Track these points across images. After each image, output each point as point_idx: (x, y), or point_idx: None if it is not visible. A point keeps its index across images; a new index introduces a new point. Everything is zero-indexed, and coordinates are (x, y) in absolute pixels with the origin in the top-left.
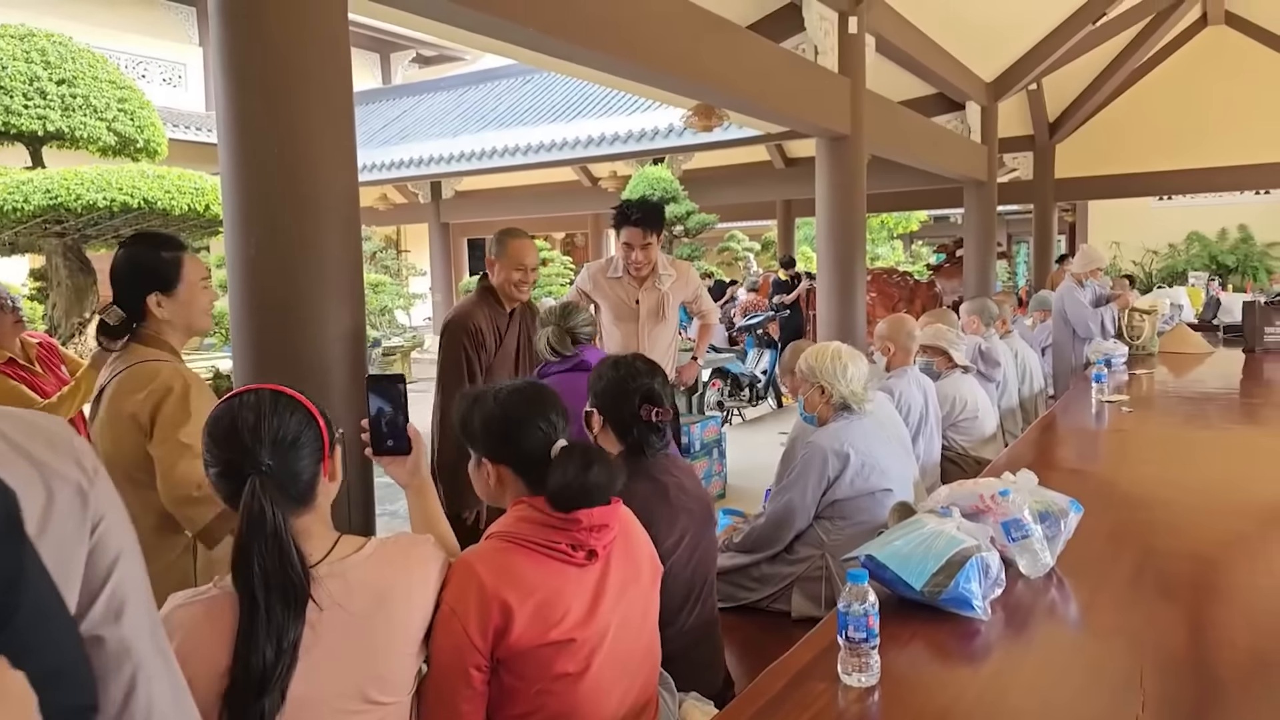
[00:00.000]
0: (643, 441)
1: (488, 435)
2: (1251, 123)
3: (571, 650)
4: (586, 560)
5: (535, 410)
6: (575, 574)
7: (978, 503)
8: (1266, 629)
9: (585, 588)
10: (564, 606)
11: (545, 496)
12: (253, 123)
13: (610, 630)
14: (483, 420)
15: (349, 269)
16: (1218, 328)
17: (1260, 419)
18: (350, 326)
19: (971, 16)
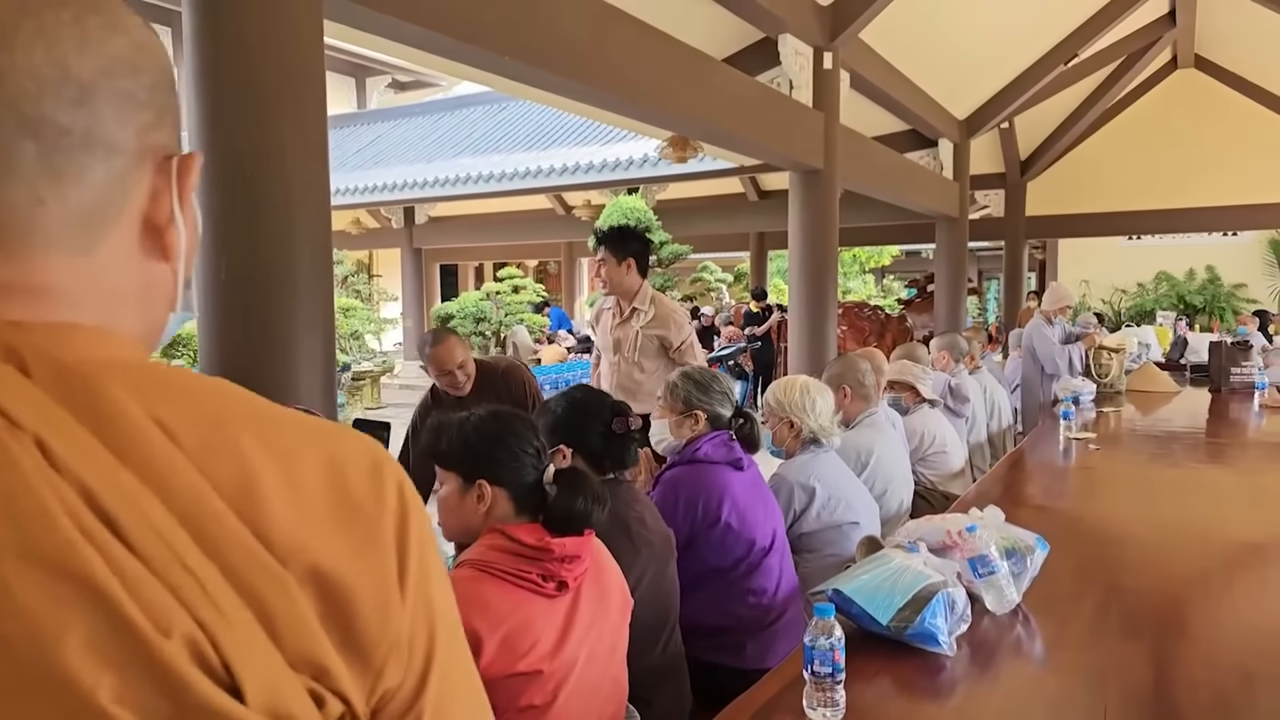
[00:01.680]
0: (621, 455)
1: (488, 457)
2: (1220, 165)
3: (539, 682)
4: (557, 591)
5: (527, 432)
6: (545, 605)
7: (945, 539)
8: (1229, 667)
9: (554, 619)
10: (532, 637)
11: (540, 521)
12: (226, 144)
13: (578, 663)
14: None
15: (320, 293)
16: (1185, 367)
17: (1226, 459)
18: (320, 351)
19: (945, 55)
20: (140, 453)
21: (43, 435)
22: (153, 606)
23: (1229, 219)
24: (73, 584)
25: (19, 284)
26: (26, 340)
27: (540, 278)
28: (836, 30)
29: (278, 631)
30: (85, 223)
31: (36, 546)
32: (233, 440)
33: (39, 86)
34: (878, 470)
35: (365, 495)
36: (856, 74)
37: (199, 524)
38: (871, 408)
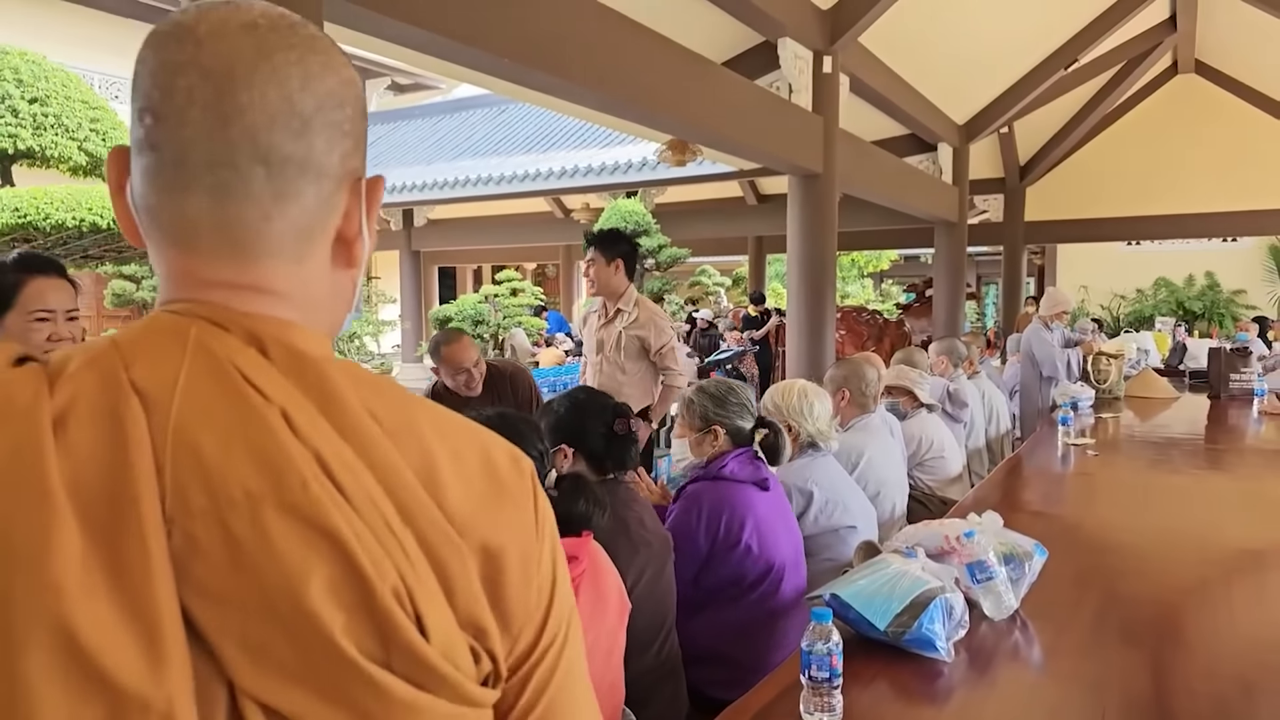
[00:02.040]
0: (622, 456)
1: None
2: (1220, 171)
3: None
4: None
5: (532, 435)
6: None
7: (943, 544)
8: (1228, 677)
9: None
10: None
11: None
12: None
13: None
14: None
15: None
16: (1184, 373)
17: (1224, 465)
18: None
19: (945, 59)
20: (356, 431)
21: (287, 408)
22: (375, 559)
23: (1228, 225)
24: (320, 535)
25: (249, 285)
26: (264, 329)
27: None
28: (836, 34)
29: (453, 594)
30: (299, 237)
31: (293, 501)
32: (418, 427)
33: (270, 119)
34: (868, 472)
35: (511, 481)
36: (856, 78)
37: (399, 496)
38: (866, 413)
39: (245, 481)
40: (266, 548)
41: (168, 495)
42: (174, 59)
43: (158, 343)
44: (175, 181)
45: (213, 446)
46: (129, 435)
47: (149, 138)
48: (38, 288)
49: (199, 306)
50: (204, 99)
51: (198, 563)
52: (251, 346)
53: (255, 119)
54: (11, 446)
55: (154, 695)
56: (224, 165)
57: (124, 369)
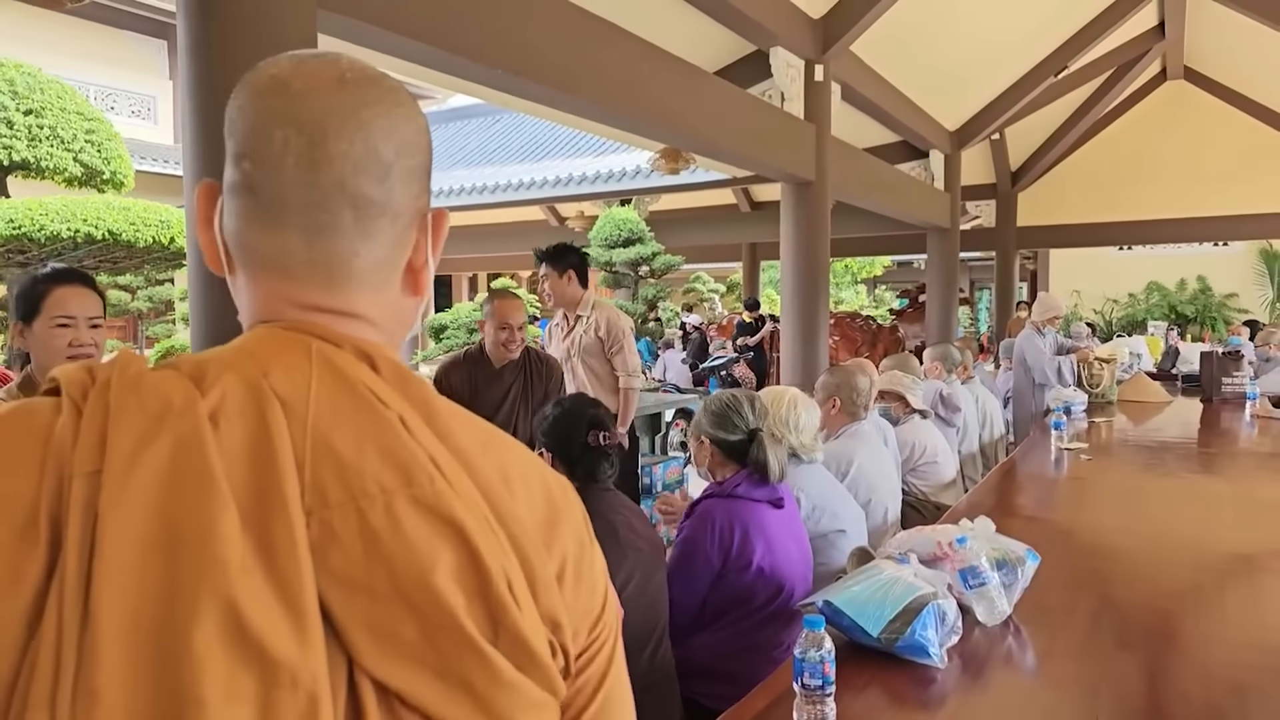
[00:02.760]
0: (592, 469)
1: None
2: (1210, 176)
3: None
4: None
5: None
6: None
7: (935, 550)
8: (1221, 681)
9: None
10: None
11: None
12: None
13: None
14: None
15: None
16: (1176, 377)
17: (1217, 469)
18: None
19: (936, 67)
20: (453, 438)
21: (403, 415)
22: (490, 550)
23: (1219, 229)
24: (446, 525)
25: (342, 310)
26: (371, 347)
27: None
28: (828, 43)
29: (537, 590)
30: (380, 268)
31: (422, 494)
32: (493, 446)
33: (356, 167)
34: (859, 479)
35: (563, 503)
36: (848, 86)
37: (491, 497)
38: (857, 421)
39: (379, 477)
40: (399, 536)
41: (306, 490)
42: (270, 109)
43: (286, 353)
44: (273, 221)
45: (347, 446)
46: (273, 434)
47: (246, 181)
48: (60, 295)
49: (310, 325)
50: (298, 148)
51: (334, 551)
52: (363, 361)
53: (344, 167)
54: (177, 440)
55: (302, 669)
56: (317, 208)
57: (262, 375)
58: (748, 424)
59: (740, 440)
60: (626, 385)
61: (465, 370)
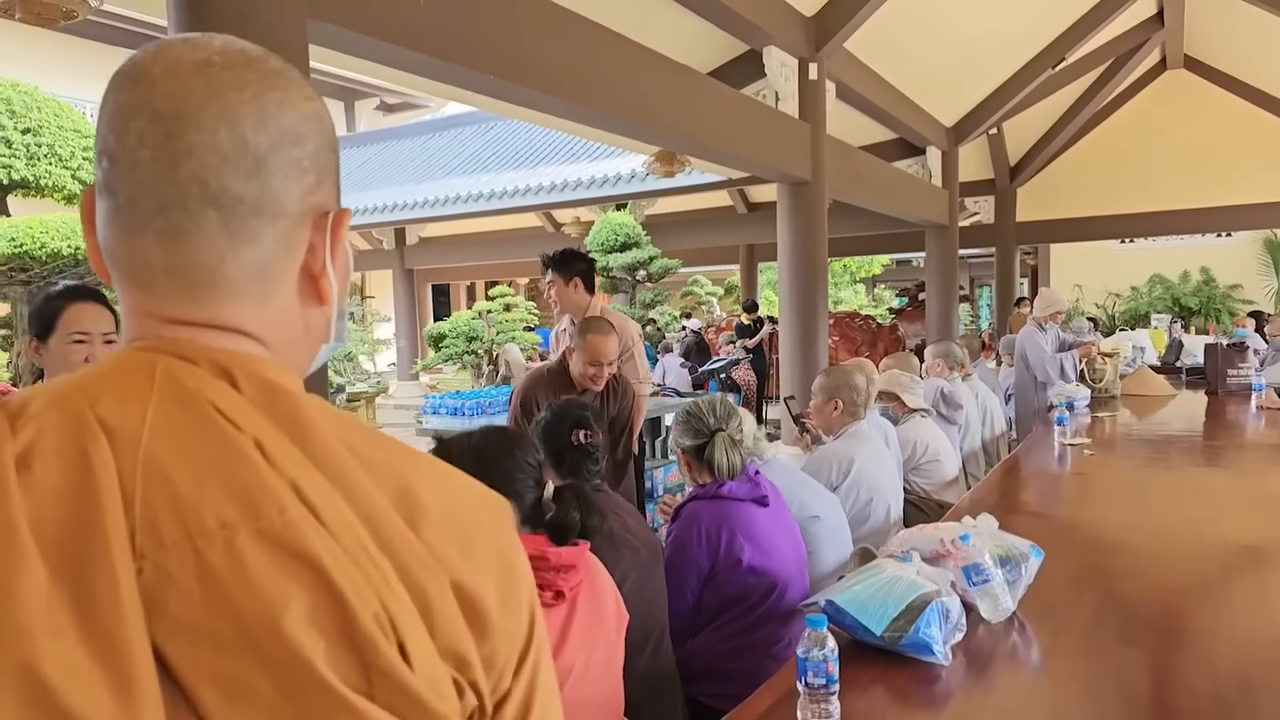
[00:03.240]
0: (576, 467)
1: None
2: (1211, 166)
3: None
4: (553, 600)
5: (531, 450)
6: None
7: (938, 548)
8: (1228, 675)
9: (551, 628)
10: None
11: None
12: None
13: (574, 671)
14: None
15: None
16: (1180, 370)
17: (1223, 462)
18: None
19: (931, 62)
20: (330, 460)
21: (260, 438)
22: (355, 584)
23: (1222, 220)
24: (298, 561)
25: (212, 323)
26: (232, 362)
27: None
28: (821, 41)
29: (433, 623)
30: (259, 277)
31: (270, 528)
32: (394, 462)
33: (220, 160)
34: (860, 479)
35: (486, 525)
36: (842, 84)
37: (375, 523)
38: (857, 420)
39: (220, 510)
40: (243, 577)
41: (137, 530)
42: (128, 101)
43: (124, 378)
44: (130, 224)
45: (184, 477)
46: (95, 471)
47: (105, 180)
48: (75, 312)
49: (165, 342)
50: (153, 141)
51: (172, 598)
52: (221, 379)
53: (205, 160)
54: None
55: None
56: (174, 207)
57: (89, 405)
58: (708, 427)
59: (702, 443)
60: (637, 391)
61: (549, 388)
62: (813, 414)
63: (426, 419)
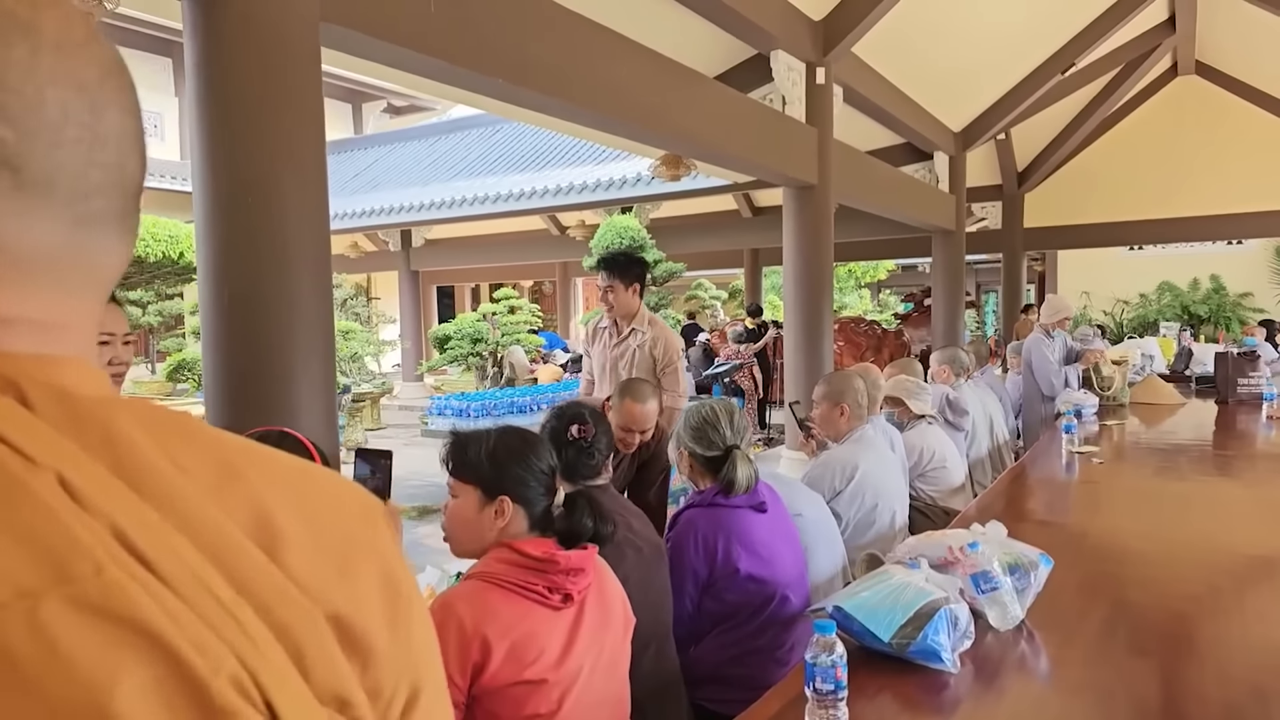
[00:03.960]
0: (574, 462)
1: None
2: (1223, 172)
3: (544, 691)
4: (562, 604)
5: (546, 454)
6: (550, 616)
7: (946, 555)
8: (1241, 683)
9: (559, 630)
10: (539, 647)
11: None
12: (227, 174)
13: (582, 673)
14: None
15: (320, 318)
16: (1190, 379)
17: (1233, 471)
18: (321, 374)
19: (939, 67)
20: (160, 489)
21: (63, 472)
22: (202, 645)
23: (1233, 227)
24: (124, 628)
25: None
26: (20, 370)
27: (535, 297)
28: (829, 45)
29: (307, 667)
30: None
31: (83, 591)
32: (244, 479)
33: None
34: (864, 484)
35: (364, 540)
36: (850, 88)
37: (227, 561)
38: (862, 425)
39: (15, 577)
40: (53, 657)
41: None
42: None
43: None
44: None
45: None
46: None
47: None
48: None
49: None
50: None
51: None
52: (6, 394)
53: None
54: None
55: None
56: (97, 194)
57: None
58: (724, 441)
59: (716, 456)
60: (672, 405)
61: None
62: (818, 422)
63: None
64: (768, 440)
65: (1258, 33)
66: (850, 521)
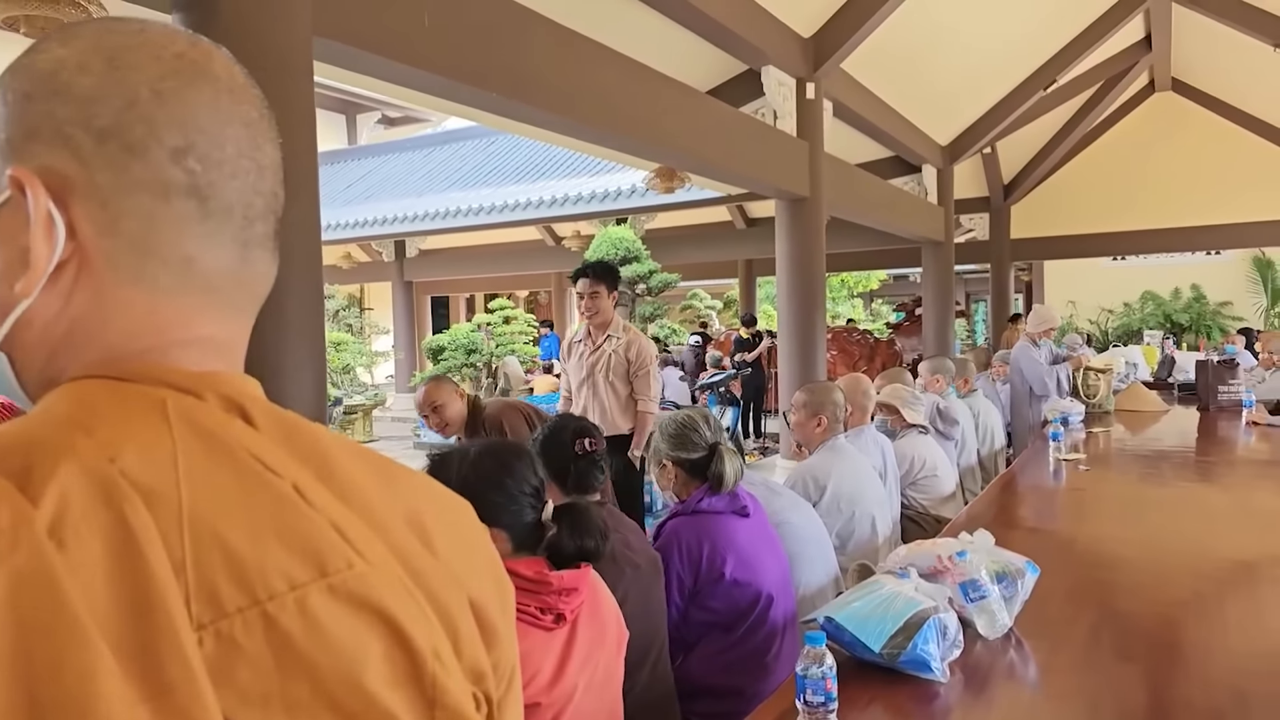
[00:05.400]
0: (583, 477)
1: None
2: (1201, 185)
3: (537, 714)
4: (554, 624)
5: (527, 470)
6: (543, 637)
7: (935, 564)
8: (1224, 688)
9: (552, 651)
10: (531, 670)
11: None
12: None
13: (576, 693)
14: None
15: (311, 329)
16: (1173, 386)
17: (1215, 477)
18: (312, 386)
19: (926, 83)
20: (355, 494)
21: (297, 480)
22: (418, 629)
23: (1211, 238)
24: (370, 612)
25: (200, 337)
26: (232, 389)
27: (531, 308)
28: (819, 61)
29: (459, 645)
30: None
31: (341, 581)
32: (397, 483)
33: (276, 170)
34: (839, 494)
35: (479, 539)
36: (839, 103)
37: (405, 556)
38: (834, 435)
39: (286, 569)
40: (320, 637)
41: (192, 599)
42: (214, 102)
43: (134, 421)
44: (216, 231)
45: (239, 535)
46: (140, 540)
47: (192, 183)
48: None
49: (141, 369)
50: (249, 150)
51: (240, 666)
52: (233, 413)
53: (274, 179)
54: (14, 578)
55: None
56: (260, 219)
57: (109, 460)
58: (706, 440)
59: (702, 457)
60: (645, 409)
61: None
62: (793, 428)
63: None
64: (763, 450)
65: (1231, 51)
66: (831, 532)
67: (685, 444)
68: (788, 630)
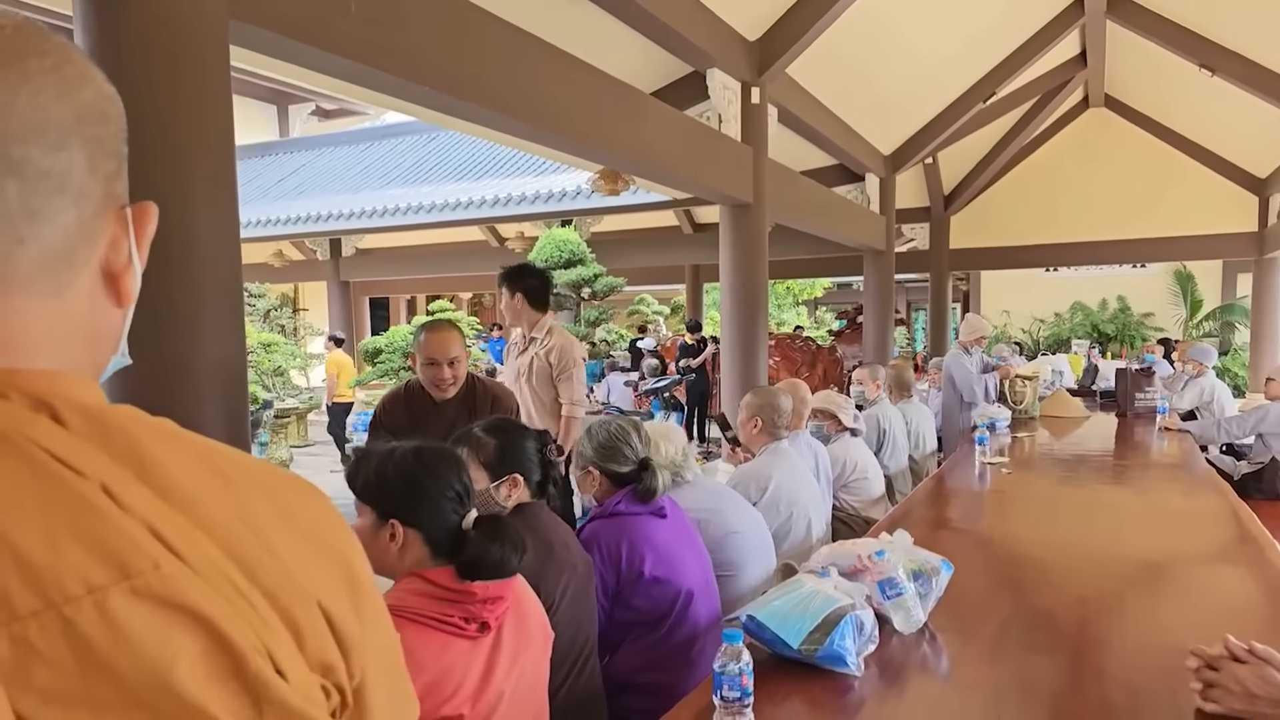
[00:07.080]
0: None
1: (403, 498)
2: (1128, 200)
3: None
4: (479, 633)
5: (450, 474)
6: (467, 647)
7: (855, 563)
8: (1120, 683)
9: (477, 660)
10: (455, 682)
11: (453, 567)
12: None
13: (502, 701)
14: (401, 481)
15: (230, 329)
16: (1095, 393)
17: (1128, 480)
18: (230, 388)
19: (870, 91)
20: (178, 492)
21: (105, 481)
22: (237, 625)
23: (1136, 251)
24: (180, 613)
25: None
26: (42, 388)
27: (475, 310)
28: (764, 66)
29: (303, 642)
30: (56, 266)
31: (145, 584)
32: (233, 482)
33: (23, 129)
34: (779, 495)
35: (330, 532)
36: (784, 109)
37: (239, 554)
38: (776, 439)
39: (83, 571)
40: (122, 639)
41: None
42: None
43: None
44: None
45: (31, 538)
46: None
47: None
48: None
49: None
50: None
51: (38, 668)
52: (41, 413)
53: (6, 129)
54: None
55: None
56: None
57: None
58: (638, 454)
59: (632, 471)
60: (569, 413)
61: (403, 406)
62: (738, 430)
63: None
64: (706, 454)
65: (1161, 71)
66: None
67: (615, 456)
68: (712, 627)
